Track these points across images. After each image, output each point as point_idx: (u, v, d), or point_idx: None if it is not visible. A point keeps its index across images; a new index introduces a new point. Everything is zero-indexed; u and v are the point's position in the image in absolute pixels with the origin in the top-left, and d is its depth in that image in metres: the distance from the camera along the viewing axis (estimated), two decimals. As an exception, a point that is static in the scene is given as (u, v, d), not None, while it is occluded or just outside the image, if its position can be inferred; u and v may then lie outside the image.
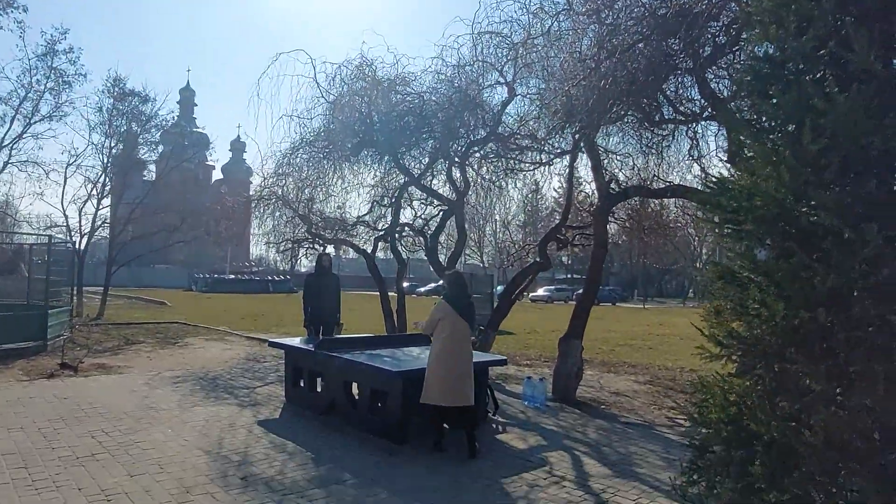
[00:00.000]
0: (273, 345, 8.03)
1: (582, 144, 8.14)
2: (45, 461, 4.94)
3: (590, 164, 8.28)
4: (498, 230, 21.46)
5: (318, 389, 7.05)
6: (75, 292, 16.37)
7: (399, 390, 5.76)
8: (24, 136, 19.60)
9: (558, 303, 46.47)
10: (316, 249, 14.61)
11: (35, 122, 19.41)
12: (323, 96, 10.69)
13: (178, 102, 70.22)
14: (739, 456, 3.09)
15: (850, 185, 2.79)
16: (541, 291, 47.75)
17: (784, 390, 3.02)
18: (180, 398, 7.52)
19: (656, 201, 10.76)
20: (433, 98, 9.24)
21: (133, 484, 4.52)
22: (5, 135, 19.34)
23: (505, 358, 7.57)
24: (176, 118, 26.74)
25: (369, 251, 12.55)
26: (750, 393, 3.12)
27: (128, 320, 17.72)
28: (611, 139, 9.07)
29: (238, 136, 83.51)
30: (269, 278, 53.56)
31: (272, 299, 37.93)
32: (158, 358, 10.89)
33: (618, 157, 8.60)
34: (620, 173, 8.76)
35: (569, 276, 60.31)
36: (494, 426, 6.58)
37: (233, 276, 52.40)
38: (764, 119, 3.46)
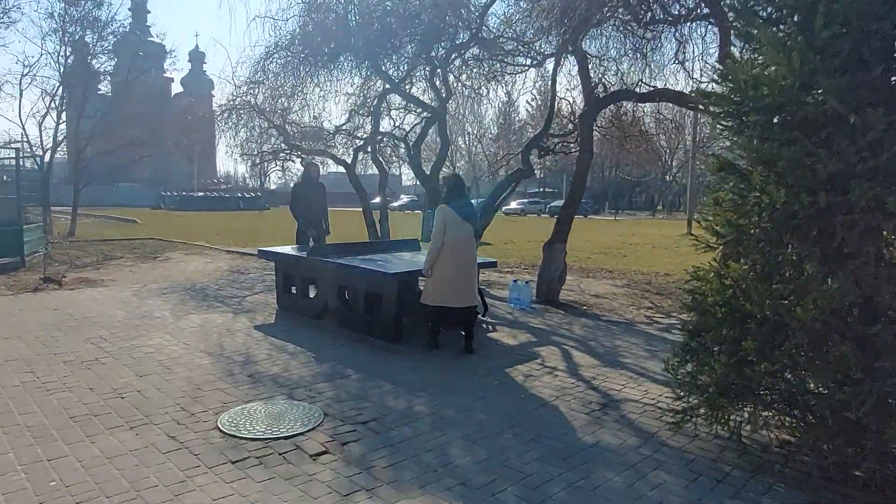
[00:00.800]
0: (263, 254, 8.04)
1: (570, 47, 7.97)
2: (51, 366, 5.02)
3: (576, 68, 8.17)
4: (471, 143, 21.22)
5: (311, 295, 7.17)
6: (41, 211, 15.91)
7: (394, 292, 5.91)
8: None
9: (531, 215, 47.00)
10: (293, 162, 14.38)
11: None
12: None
13: (129, 10, 65.61)
14: (732, 334, 3.31)
15: (858, 72, 2.85)
16: (514, 204, 48.06)
17: (778, 273, 3.20)
18: (172, 307, 7.59)
19: (635, 109, 10.75)
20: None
21: (143, 383, 4.65)
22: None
23: (495, 261, 7.75)
24: (129, 27, 25.00)
25: (348, 162, 12.38)
26: (745, 277, 3.30)
27: (101, 237, 17.41)
28: (594, 42, 8.92)
29: (197, 46, 79.22)
30: (239, 195, 52.62)
31: (244, 216, 37.45)
32: (141, 272, 10.84)
33: (603, 62, 8.49)
34: (604, 79, 8.67)
35: (541, 189, 60.60)
36: (485, 326, 6.85)
37: (201, 194, 51.29)
38: (771, 9, 3.45)
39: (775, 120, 3.18)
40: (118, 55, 20.60)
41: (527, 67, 8.93)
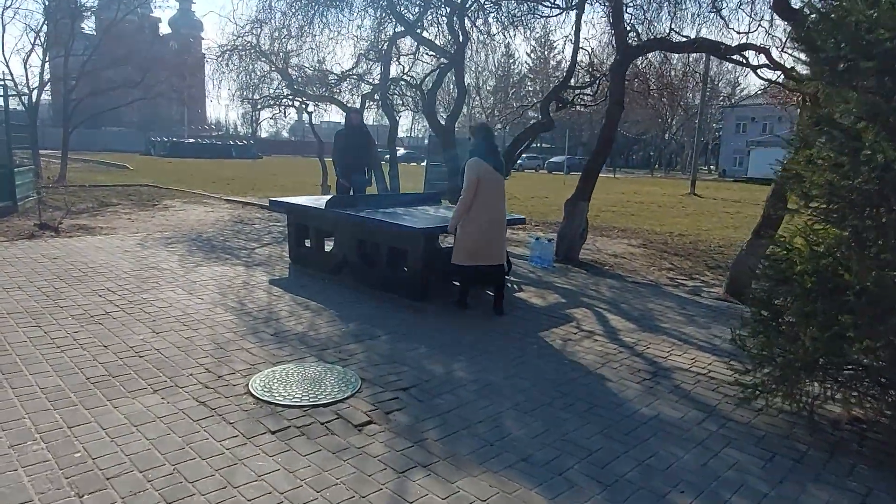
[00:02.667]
0: (276, 204, 7.63)
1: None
2: (58, 320, 4.69)
3: (610, 13, 7.63)
4: (483, 93, 20.54)
5: (327, 249, 6.83)
6: (30, 154, 15.22)
7: (421, 248, 5.58)
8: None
9: (529, 171, 46.37)
10: (296, 108, 13.79)
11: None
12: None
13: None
14: (824, 307, 3.02)
15: None
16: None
17: (882, 238, 2.89)
18: (179, 258, 7.23)
19: (662, 62, 10.24)
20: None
21: (161, 341, 4.34)
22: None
23: (524, 217, 7.40)
24: None
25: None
26: (842, 244, 2.99)
27: (94, 183, 16.81)
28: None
29: (183, -15, 75.98)
30: (232, 143, 51.43)
31: (237, 165, 36.63)
32: (140, 220, 10.40)
33: (633, 7, 7.96)
34: (636, 28, 8.15)
35: (538, 144, 59.71)
36: (511, 285, 6.56)
37: (192, 140, 50.01)
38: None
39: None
40: None
41: (561, 10, 8.36)
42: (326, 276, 6.55)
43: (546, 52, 45.48)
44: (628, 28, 7.61)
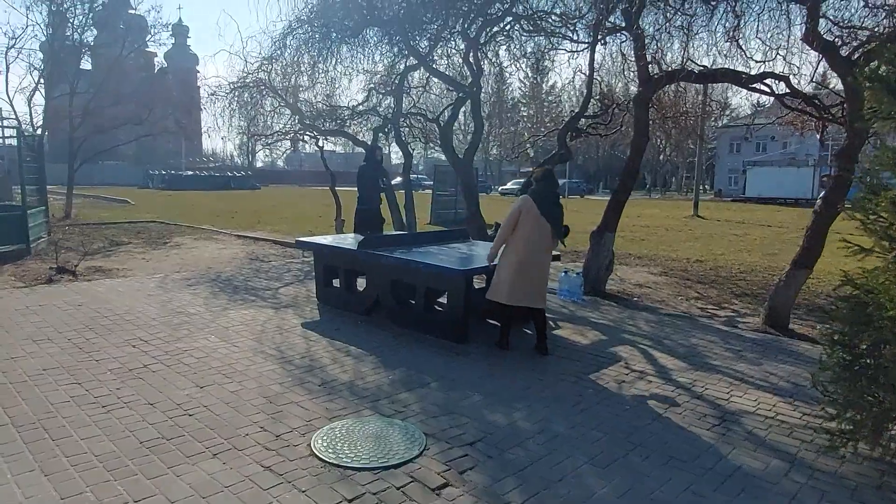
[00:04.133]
0: (302, 244, 7.52)
1: (620, 24, 7.47)
2: (97, 376, 4.52)
3: (612, 47, 7.67)
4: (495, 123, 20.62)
5: (358, 289, 6.71)
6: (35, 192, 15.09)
7: (462, 289, 5.46)
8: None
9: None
10: (305, 142, 13.76)
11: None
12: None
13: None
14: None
15: None
16: (510, 185, 47.54)
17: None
18: (204, 301, 7.08)
19: (677, 90, 10.29)
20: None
21: (207, 396, 4.18)
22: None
23: (560, 254, 7.30)
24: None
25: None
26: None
27: (100, 220, 16.68)
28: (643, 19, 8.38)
29: (180, 19, 76.93)
30: (230, 174, 51.46)
31: (237, 196, 36.56)
32: (155, 259, 10.26)
33: (656, 39, 7.97)
34: (658, 58, 8.15)
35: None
36: (549, 322, 6.44)
37: (190, 173, 50.02)
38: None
39: None
40: (99, 28, 19.47)
41: (586, 45, 8.38)
42: (358, 318, 6.42)
43: (538, 78, 46.10)
44: (650, 60, 7.61)
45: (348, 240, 7.18)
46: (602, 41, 8.14)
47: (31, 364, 4.73)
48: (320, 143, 12.90)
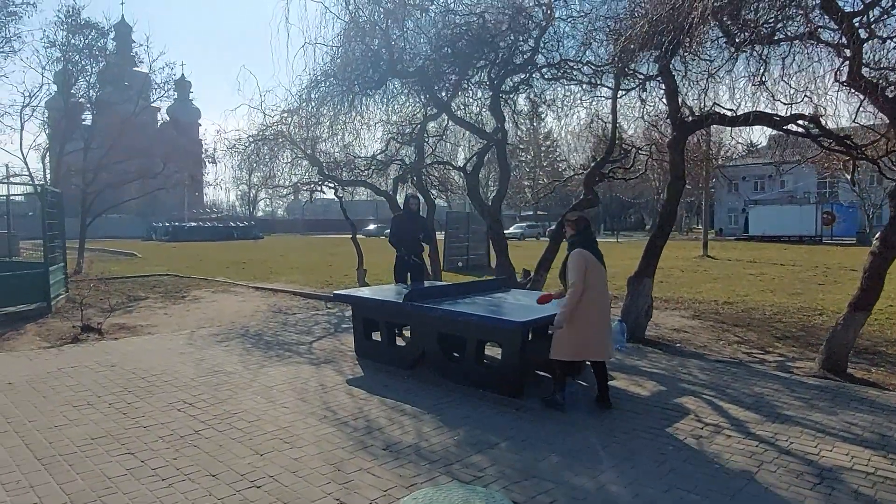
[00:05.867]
0: (340, 298, 7.35)
1: (650, 70, 7.52)
2: (149, 444, 4.28)
3: (664, 90, 7.69)
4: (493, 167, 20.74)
5: (399, 342, 6.51)
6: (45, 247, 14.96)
7: (519, 342, 5.27)
8: (-34, 75, 17.51)
9: (530, 239, 46.59)
10: (322, 193, 13.76)
11: (-22, 60, 17.32)
12: (343, 18, 9.61)
13: (113, 40, 64.57)
14: None
15: None
16: (512, 229, 47.70)
17: None
18: (239, 359, 6.86)
19: (701, 133, 10.33)
20: (486, 19, 8.31)
21: (270, 464, 3.94)
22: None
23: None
24: (114, 56, 23.45)
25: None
26: None
27: (112, 274, 16.49)
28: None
29: (183, 75, 78.59)
30: (232, 225, 51.59)
31: (242, 246, 36.54)
32: (177, 315, 10.05)
33: (686, 84, 8.02)
34: (690, 102, 8.18)
35: (534, 212, 60.38)
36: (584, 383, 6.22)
37: (193, 224, 50.16)
38: None
39: None
40: (104, 85, 19.65)
41: (624, 92, 8.45)
42: (402, 372, 6.20)
43: (535, 123, 47.00)
44: (682, 104, 7.64)
45: (387, 292, 7.02)
46: (641, 87, 8.15)
47: (77, 433, 4.49)
48: (339, 194, 12.88)
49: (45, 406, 5.14)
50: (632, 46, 7.21)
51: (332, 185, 12.62)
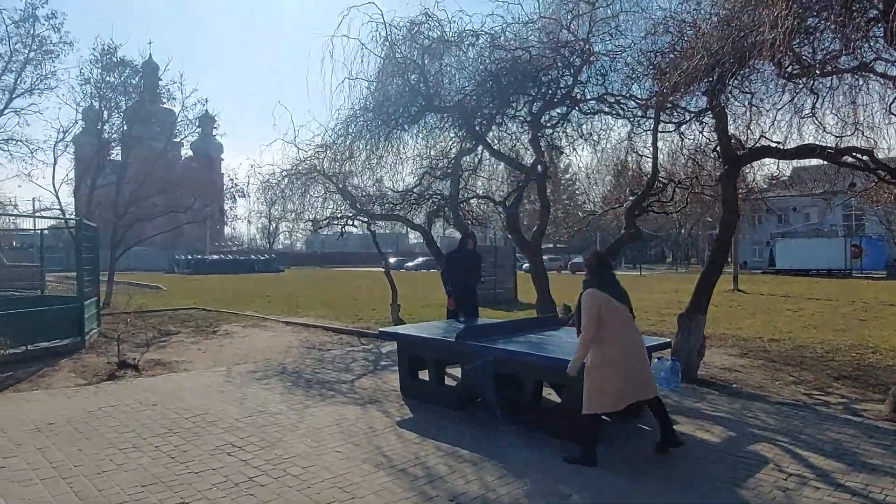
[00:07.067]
0: (386, 335, 7.18)
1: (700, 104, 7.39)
2: (204, 492, 4.07)
3: (714, 125, 7.54)
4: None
5: (448, 382, 6.28)
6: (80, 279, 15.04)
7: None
8: (4, 111, 17.92)
9: (551, 272, 46.07)
10: (354, 227, 13.70)
11: (17, 97, 17.75)
12: (378, 54, 9.66)
13: (141, 78, 66.33)
14: None
15: None
16: (533, 262, 47.35)
17: None
18: (281, 398, 6.66)
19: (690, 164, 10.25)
20: (532, 54, 8.28)
21: (333, 516, 3.71)
22: (-16, 110, 17.64)
23: (669, 340, 6.87)
24: (140, 93, 23.79)
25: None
26: None
27: (139, 307, 16.47)
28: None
29: (206, 111, 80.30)
30: (253, 257, 51.94)
31: (263, 279, 36.69)
32: (211, 350, 9.91)
33: (734, 117, 7.87)
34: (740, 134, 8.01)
35: (551, 245, 60.05)
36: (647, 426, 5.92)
37: (215, 257, 50.58)
38: None
39: None
40: (131, 123, 20.00)
41: (676, 125, 8.33)
42: (451, 413, 5.95)
43: (556, 155, 47.10)
44: (733, 138, 7.48)
45: (434, 329, 6.82)
46: (696, 120, 8.02)
47: (126, 479, 4.30)
48: (372, 228, 12.81)
49: (89, 449, 4.97)
50: (678, 80, 7.10)
51: (364, 220, 12.54)
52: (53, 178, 18.20)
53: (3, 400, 6.59)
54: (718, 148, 7.62)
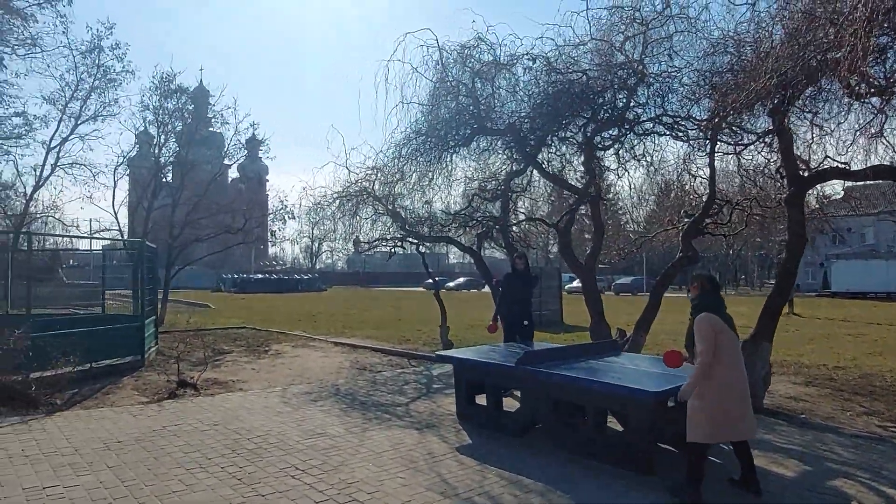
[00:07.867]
0: (443, 359, 7.16)
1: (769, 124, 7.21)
2: (272, 515, 4.10)
3: (778, 146, 7.35)
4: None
5: (506, 407, 6.20)
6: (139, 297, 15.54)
7: (648, 413, 4.88)
8: (70, 137, 18.83)
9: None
10: (402, 249, 13.77)
11: (82, 123, 18.65)
12: (429, 78, 9.79)
13: (191, 106, 68.89)
14: None
15: None
16: (575, 283, 46.75)
17: None
18: (339, 420, 6.68)
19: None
20: (588, 76, 8.25)
21: (403, 546, 3.67)
22: (52, 136, 18.58)
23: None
24: (190, 119, 24.58)
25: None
26: None
27: (192, 326, 16.91)
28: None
29: (253, 134, 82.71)
30: (297, 277, 52.85)
31: (307, 298, 37.23)
32: (264, 370, 10.06)
33: (797, 138, 7.66)
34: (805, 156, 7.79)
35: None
36: (727, 447, 5.70)
37: (260, 276, 51.67)
38: None
39: None
40: (187, 146, 20.69)
41: (741, 147, 8.18)
42: (510, 440, 5.85)
43: (604, 176, 46.67)
44: (798, 159, 7.26)
45: (492, 353, 6.77)
46: (761, 141, 7.84)
47: (197, 500, 4.37)
48: (421, 249, 12.88)
49: (157, 468, 5.06)
50: (742, 101, 6.95)
51: (414, 241, 12.60)
52: (113, 200, 18.99)
53: (72, 417, 6.81)
54: (782, 169, 7.39)
